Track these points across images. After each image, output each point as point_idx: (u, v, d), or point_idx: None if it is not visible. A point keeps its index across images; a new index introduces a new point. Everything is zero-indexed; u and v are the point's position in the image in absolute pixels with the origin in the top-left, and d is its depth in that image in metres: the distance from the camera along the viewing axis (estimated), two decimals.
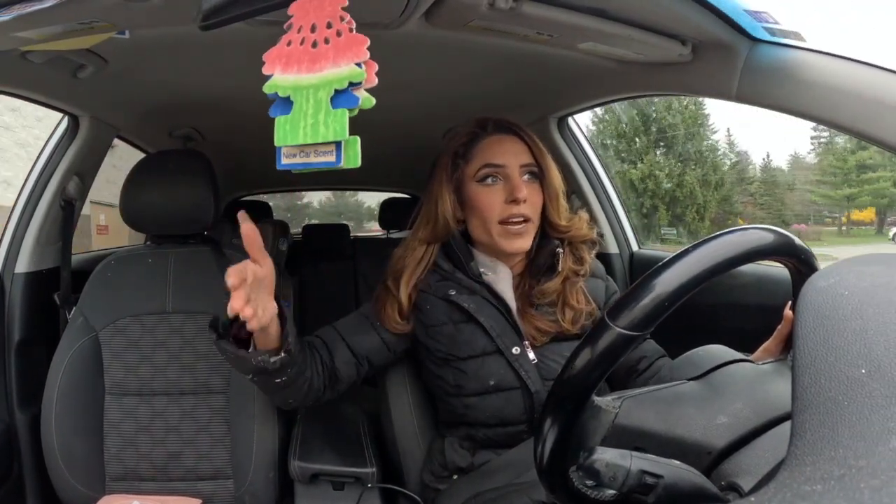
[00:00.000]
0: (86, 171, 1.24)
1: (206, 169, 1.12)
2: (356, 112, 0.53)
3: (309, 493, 0.99)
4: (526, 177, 0.90)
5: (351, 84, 0.53)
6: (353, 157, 0.54)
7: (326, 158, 0.54)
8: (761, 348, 0.69)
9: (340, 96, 0.53)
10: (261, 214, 2.82)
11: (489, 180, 0.90)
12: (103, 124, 1.22)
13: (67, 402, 1.04)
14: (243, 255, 1.07)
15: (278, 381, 0.80)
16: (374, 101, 0.54)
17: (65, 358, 1.05)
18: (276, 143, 0.55)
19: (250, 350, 0.77)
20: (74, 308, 1.10)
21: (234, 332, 0.78)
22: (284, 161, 0.56)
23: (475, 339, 0.89)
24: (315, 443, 1.05)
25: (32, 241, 1.18)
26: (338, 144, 0.54)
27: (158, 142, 1.54)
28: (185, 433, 1.06)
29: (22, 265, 1.17)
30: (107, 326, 1.07)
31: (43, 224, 1.18)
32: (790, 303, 0.65)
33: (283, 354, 0.76)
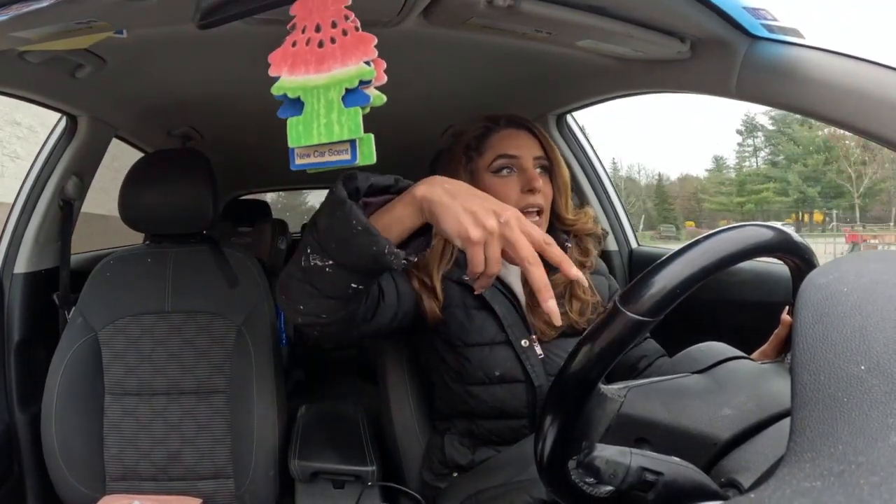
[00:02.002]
0: (84, 170, 1.24)
1: (205, 168, 1.12)
2: (368, 110, 0.53)
3: (309, 492, 0.99)
4: (538, 170, 0.91)
5: (361, 82, 0.52)
6: (367, 154, 0.54)
7: (342, 157, 0.54)
8: (758, 352, 0.69)
9: (352, 95, 0.52)
10: (260, 214, 2.81)
11: (504, 171, 0.90)
12: (102, 124, 1.22)
13: (67, 402, 1.04)
14: (242, 254, 1.06)
15: (357, 286, 0.62)
16: (384, 98, 0.53)
17: (64, 358, 1.05)
18: (290, 144, 0.54)
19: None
20: (74, 308, 1.10)
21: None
22: (298, 161, 0.55)
23: (486, 327, 0.89)
24: (315, 441, 1.05)
25: (31, 240, 1.17)
26: (352, 143, 0.53)
27: (157, 141, 1.54)
28: (185, 432, 1.06)
29: (21, 265, 1.17)
30: (106, 326, 1.07)
31: (42, 224, 1.18)
32: (788, 308, 0.65)
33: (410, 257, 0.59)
